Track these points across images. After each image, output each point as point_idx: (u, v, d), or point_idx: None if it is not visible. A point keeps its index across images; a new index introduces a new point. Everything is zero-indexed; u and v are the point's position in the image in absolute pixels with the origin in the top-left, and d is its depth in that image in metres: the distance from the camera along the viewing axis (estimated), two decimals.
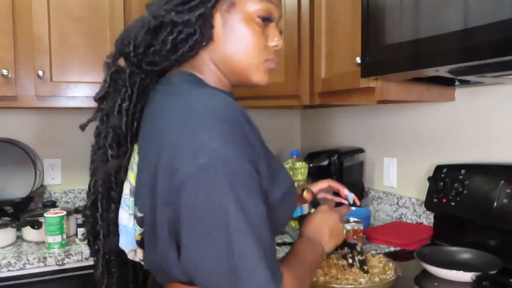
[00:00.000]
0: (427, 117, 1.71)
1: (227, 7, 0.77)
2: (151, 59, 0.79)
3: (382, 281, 1.06)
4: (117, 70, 0.82)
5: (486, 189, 1.33)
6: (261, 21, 0.79)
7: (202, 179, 0.64)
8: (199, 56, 0.79)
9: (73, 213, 1.64)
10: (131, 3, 1.82)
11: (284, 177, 0.79)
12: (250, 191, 0.65)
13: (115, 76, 0.81)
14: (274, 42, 0.82)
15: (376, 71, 1.29)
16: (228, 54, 0.79)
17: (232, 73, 0.81)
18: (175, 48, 0.76)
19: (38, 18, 1.68)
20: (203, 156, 0.64)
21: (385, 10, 1.21)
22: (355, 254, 1.07)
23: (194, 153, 0.65)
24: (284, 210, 0.79)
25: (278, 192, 0.75)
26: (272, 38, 0.82)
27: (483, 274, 1.11)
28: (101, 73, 0.85)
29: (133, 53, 0.78)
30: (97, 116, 0.84)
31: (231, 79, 0.83)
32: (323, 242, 0.92)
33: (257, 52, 0.79)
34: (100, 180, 0.83)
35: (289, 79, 1.77)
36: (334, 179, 1.19)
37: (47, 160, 2.06)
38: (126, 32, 0.81)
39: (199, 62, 0.80)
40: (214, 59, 0.80)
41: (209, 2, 0.75)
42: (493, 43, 0.93)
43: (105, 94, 0.82)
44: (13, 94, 1.65)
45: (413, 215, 1.76)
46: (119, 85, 0.81)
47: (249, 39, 0.78)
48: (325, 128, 2.38)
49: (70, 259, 1.48)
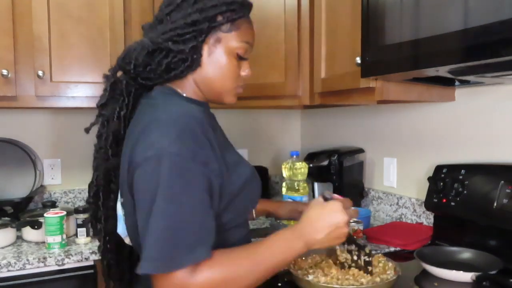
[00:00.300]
0: (427, 117, 1.71)
1: (214, 41, 0.95)
2: (147, 75, 0.97)
3: (382, 281, 1.05)
4: (115, 81, 0.99)
5: (486, 189, 1.33)
6: (238, 57, 0.98)
7: (146, 167, 0.81)
8: (185, 77, 0.97)
9: (73, 213, 1.63)
10: (131, 3, 1.82)
11: (244, 168, 0.97)
12: (187, 184, 0.80)
13: (113, 86, 0.99)
14: (245, 72, 1.01)
15: (376, 71, 1.29)
16: (209, 77, 0.97)
17: (209, 92, 1.00)
18: (168, 69, 0.94)
19: (38, 18, 1.68)
20: (151, 150, 0.81)
21: (385, 10, 1.21)
22: (362, 254, 1.07)
23: (145, 148, 0.82)
24: (247, 195, 0.96)
25: (239, 181, 0.92)
26: (244, 69, 1.01)
27: (483, 274, 1.11)
28: (101, 73, 1.02)
29: (133, 70, 0.96)
30: (98, 120, 1.01)
31: (206, 96, 1.01)
32: (313, 240, 0.90)
33: (231, 80, 0.99)
34: (101, 175, 1.01)
35: (289, 79, 1.77)
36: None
37: (47, 160, 2.06)
38: (128, 53, 0.97)
39: (183, 81, 0.98)
40: (196, 80, 0.98)
41: (200, 37, 0.93)
42: (493, 43, 0.93)
43: (105, 101, 1.00)
44: (13, 94, 1.66)
45: (413, 215, 1.76)
46: (117, 94, 0.99)
47: (227, 68, 0.97)
48: (325, 128, 2.38)
49: (70, 259, 1.48)
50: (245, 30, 0.98)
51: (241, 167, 0.96)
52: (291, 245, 0.89)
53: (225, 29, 0.95)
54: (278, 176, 2.53)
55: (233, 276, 0.82)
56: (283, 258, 0.89)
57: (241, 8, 0.96)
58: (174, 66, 0.94)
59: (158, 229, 0.78)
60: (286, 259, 0.90)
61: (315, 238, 0.90)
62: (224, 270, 0.82)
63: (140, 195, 0.82)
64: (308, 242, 0.90)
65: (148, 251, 0.78)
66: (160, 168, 0.79)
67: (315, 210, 0.94)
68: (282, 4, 1.76)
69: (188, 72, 0.96)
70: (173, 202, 0.78)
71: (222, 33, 0.95)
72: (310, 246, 0.91)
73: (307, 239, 0.90)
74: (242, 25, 0.97)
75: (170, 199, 0.78)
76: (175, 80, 0.98)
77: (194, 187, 0.81)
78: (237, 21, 0.96)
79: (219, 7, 0.93)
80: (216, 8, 0.92)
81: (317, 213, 0.93)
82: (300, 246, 0.90)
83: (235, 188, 0.91)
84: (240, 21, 0.97)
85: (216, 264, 0.80)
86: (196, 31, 0.92)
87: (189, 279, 0.77)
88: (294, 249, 0.89)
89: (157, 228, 0.78)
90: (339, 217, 0.92)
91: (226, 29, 0.95)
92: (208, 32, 0.93)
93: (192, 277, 0.78)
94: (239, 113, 2.48)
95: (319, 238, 0.90)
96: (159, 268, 0.77)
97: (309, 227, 0.91)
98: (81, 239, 1.60)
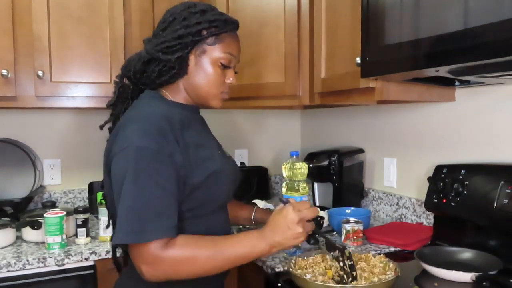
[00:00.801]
0: (427, 117, 1.71)
1: (199, 52, 1.10)
2: (144, 81, 1.15)
3: (382, 281, 1.06)
4: (123, 86, 1.17)
5: (486, 189, 1.33)
6: (222, 66, 1.12)
7: (120, 156, 0.98)
8: (176, 83, 1.14)
9: (72, 214, 1.63)
10: (131, 3, 1.82)
11: (212, 163, 1.09)
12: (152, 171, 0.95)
13: (121, 90, 1.17)
14: (229, 80, 1.15)
15: (376, 71, 1.29)
16: (196, 84, 1.12)
17: (196, 97, 1.15)
18: (160, 75, 1.11)
19: (38, 18, 1.68)
20: (124, 143, 0.98)
21: (385, 10, 1.21)
22: (344, 258, 1.06)
23: (121, 141, 1.00)
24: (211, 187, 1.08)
25: (202, 175, 1.05)
26: (228, 77, 1.15)
27: (483, 274, 1.11)
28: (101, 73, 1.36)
29: (133, 76, 1.14)
30: (111, 119, 1.18)
31: (195, 100, 1.16)
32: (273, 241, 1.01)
33: (216, 86, 1.13)
34: None
35: (289, 79, 1.77)
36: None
37: (47, 160, 2.06)
38: (129, 62, 1.16)
39: (174, 87, 1.15)
40: (185, 86, 1.14)
41: (186, 49, 1.08)
42: (493, 43, 0.93)
43: (114, 102, 1.18)
44: (13, 94, 1.66)
45: (413, 215, 1.76)
46: (123, 97, 1.17)
47: (212, 76, 1.12)
48: (325, 128, 2.38)
49: (70, 259, 1.48)
50: (229, 43, 1.12)
51: (209, 162, 1.09)
52: (254, 244, 1.01)
53: (210, 42, 1.10)
54: (278, 176, 2.53)
55: (197, 257, 0.97)
56: (245, 253, 1.01)
57: (224, 25, 1.11)
58: (164, 73, 1.10)
59: (126, 207, 0.94)
60: (247, 254, 1.01)
61: (274, 240, 1.01)
62: (191, 250, 0.97)
63: (114, 179, 1.00)
64: (270, 243, 1.01)
65: (119, 225, 0.94)
66: (129, 157, 0.96)
67: (274, 215, 1.05)
68: (282, 4, 1.76)
69: (176, 79, 1.12)
70: (137, 185, 0.94)
71: (207, 45, 1.10)
72: (273, 247, 1.01)
73: (268, 241, 1.01)
74: (226, 39, 1.12)
75: (136, 183, 0.94)
76: (167, 86, 1.14)
77: (157, 174, 0.96)
78: (221, 35, 1.11)
79: (203, 24, 1.08)
80: (200, 25, 1.08)
81: (274, 218, 1.04)
82: (263, 246, 1.01)
83: (197, 180, 1.04)
84: (224, 35, 1.11)
85: (185, 244, 0.97)
86: (182, 44, 1.07)
87: (159, 253, 0.93)
88: (256, 247, 1.01)
89: (125, 206, 0.94)
90: (288, 218, 1.01)
91: (211, 42, 1.10)
92: (193, 44, 1.09)
93: (162, 251, 0.94)
94: (239, 113, 2.48)
95: (278, 240, 1.01)
96: (128, 239, 0.94)
97: (269, 230, 1.02)
98: (81, 239, 1.60)
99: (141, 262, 0.95)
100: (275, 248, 1.02)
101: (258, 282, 1.40)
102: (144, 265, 0.95)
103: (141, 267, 0.95)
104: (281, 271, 1.31)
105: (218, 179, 1.10)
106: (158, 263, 0.94)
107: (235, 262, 1.01)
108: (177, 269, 0.96)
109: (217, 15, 1.11)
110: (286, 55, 1.77)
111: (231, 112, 2.42)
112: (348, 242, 1.49)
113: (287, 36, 1.76)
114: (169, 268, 0.96)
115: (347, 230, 1.50)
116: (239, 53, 1.17)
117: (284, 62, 1.77)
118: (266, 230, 1.02)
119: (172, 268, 0.96)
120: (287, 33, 1.76)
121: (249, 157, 2.47)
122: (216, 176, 1.09)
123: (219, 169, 1.11)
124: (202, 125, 1.23)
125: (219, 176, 1.10)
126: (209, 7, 1.13)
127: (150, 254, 0.94)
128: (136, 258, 0.96)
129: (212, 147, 1.17)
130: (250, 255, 1.01)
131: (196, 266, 0.97)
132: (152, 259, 0.94)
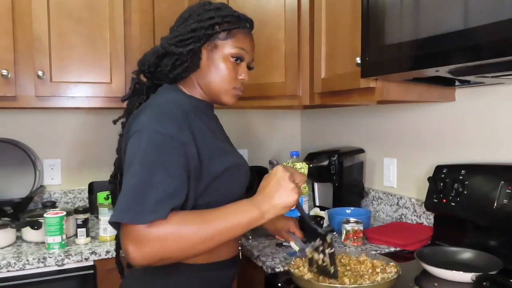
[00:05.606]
0: (427, 117, 1.71)
1: (211, 47, 1.11)
2: (158, 75, 1.16)
3: (383, 281, 1.06)
4: (139, 82, 1.19)
5: (486, 189, 1.33)
6: (234, 61, 1.12)
7: (135, 138, 0.99)
8: (189, 78, 1.15)
9: (72, 214, 1.63)
10: (131, 3, 1.82)
11: (230, 157, 1.10)
12: (161, 155, 0.95)
13: (137, 86, 1.19)
14: (242, 76, 1.15)
15: (376, 71, 1.29)
16: (208, 79, 1.13)
17: (209, 93, 1.15)
18: (173, 69, 1.11)
19: (38, 18, 1.68)
20: (139, 125, 1.00)
21: (385, 10, 1.21)
22: (325, 246, 1.03)
23: (137, 124, 1.01)
24: (229, 180, 1.08)
25: (220, 167, 1.05)
26: (240, 73, 1.15)
27: (483, 274, 1.11)
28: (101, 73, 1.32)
29: (147, 71, 1.16)
30: (124, 114, 1.18)
31: (208, 96, 1.17)
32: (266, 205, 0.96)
33: (228, 81, 1.13)
34: (120, 158, 1.16)
35: (289, 79, 1.77)
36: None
37: (47, 160, 2.06)
38: (145, 56, 1.17)
39: (189, 82, 1.16)
40: (198, 81, 1.14)
41: (198, 42, 1.09)
42: (493, 43, 0.93)
43: (129, 97, 1.19)
44: (13, 94, 1.66)
45: (413, 215, 1.76)
46: (138, 92, 1.19)
47: (223, 71, 1.12)
48: (325, 128, 2.38)
49: (70, 259, 1.48)
50: (241, 39, 1.13)
51: (227, 155, 1.09)
52: (244, 210, 0.96)
53: (222, 37, 1.11)
54: None
55: (182, 231, 0.93)
56: (235, 222, 0.96)
57: (236, 20, 1.12)
58: (176, 67, 1.11)
59: (128, 187, 0.93)
60: (238, 223, 0.96)
61: (267, 203, 0.96)
62: (176, 227, 0.92)
63: (126, 160, 1.00)
64: (262, 208, 0.96)
65: (118, 204, 0.93)
66: (141, 140, 0.96)
67: (264, 180, 1.01)
68: (282, 4, 1.77)
69: (189, 73, 1.13)
70: (144, 167, 0.93)
71: (220, 40, 1.11)
72: (265, 213, 0.96)
73: (260, 206, 0.96)
74: (237, 34, 1.12)
75: (143, 164, 0.94)
76: (182, 81, 1.15)
77: (166, 159, 0.95)
78: (233, 31, 1.12)
79: (216, 19, 1.10)
80: (213, 19, 1.09)
81: (264, 181, 1.00)
82: (254, 213, 0.96)
83: (215, 171, 1.04)
84: (236, 31, 1.12)
85: (171, 220, 0.92)
86: (195, 37, 1.09)
87: (144, 230, 0.90)
88: (246, 214, 0.96)
89: (127, 186, 0.93)
90: (278, 175, 0.97)
91: (223, 37, 1.11)
92: (205, 38, 1.10)
93: (147, 229, 0.90)
94: (239, 113, 2.48)
95: (271, 202, 0.96)
96: (123, 219, 0.90)
97: (261, 195, 0.98)
98: (81, 240, 1.60)
99: (128, 241, 0.91)
100: (268, 213, 0.96)
101: (258, 282, 1.40)
102: (130, 244, 0.90)
103: (127, 246, 0.91)
104: (281, 271, 1.31)
105: (237, 172, 1.11)
106: (143, 241, 0.90)
107: (226, 233, 0.95)
108: (163, 245, 0.91)
109: (230, 12, 1.13)
110: (286, 55, 1.77)
111: (231, 112, 2.42)
112: (348, 242, 1.49)
113: (287, 36, 1.76)
114: (156, 245, 0.91)
115: (347, 230, 1.50)
116: (252, 50, 1.17)
117: (284, 62, 1.77)
118: (257, 195, 0.99)
119: (158, 245, 0.91)
120: (287, 33, 1.76)
121: (249, 157, 2.47)
122: (236, 169, 1.10)
123: (237, 162, 1.11)
124: (217, 123, 1.23)
125: (238, 169, 1.11)
126: (223, 6, 1.14)
127: (136, 233, 0.90)
128: (124, 236, 0.92)
129: (228, 142, 1.20)
130: (241, 224, 0.96)
131: (182, 241, 0.93)
132: (137, 238, 0.90)
